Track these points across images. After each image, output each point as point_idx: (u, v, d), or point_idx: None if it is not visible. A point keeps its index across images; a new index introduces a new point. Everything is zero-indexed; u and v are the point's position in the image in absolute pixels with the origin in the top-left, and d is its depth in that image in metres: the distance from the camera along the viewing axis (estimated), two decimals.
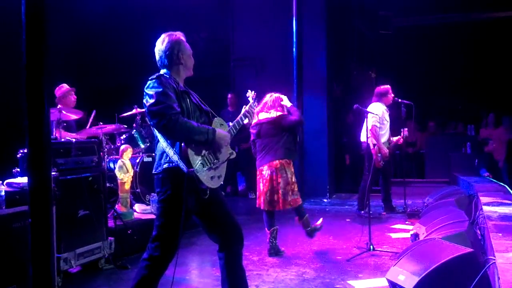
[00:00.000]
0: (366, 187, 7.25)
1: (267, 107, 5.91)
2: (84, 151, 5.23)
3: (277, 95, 5.99)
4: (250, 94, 4.19)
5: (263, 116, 5.89)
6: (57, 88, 6.55)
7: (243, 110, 3.90)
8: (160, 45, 3.50)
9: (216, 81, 11.00)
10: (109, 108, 7.52)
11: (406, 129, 8.23)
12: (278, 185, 5.78)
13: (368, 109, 7.50)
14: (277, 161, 5.78)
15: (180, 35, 3.55)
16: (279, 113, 5.84)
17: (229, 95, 10.45)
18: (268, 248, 5.85)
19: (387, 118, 7.98)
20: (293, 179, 5.85)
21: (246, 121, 3.84)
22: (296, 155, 6.04)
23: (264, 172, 5.87)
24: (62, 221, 4.61)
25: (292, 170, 5.87)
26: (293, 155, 5.92)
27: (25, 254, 3.52)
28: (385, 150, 7.77)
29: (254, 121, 5.87)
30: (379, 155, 7.71)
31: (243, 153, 10.04)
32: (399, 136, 8.17)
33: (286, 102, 5.96)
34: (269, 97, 5.98)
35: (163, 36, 3.53)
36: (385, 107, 8.02)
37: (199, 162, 3.29)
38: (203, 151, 3.33)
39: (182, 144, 3.26)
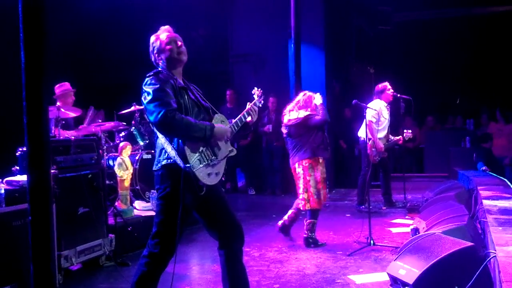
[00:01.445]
0: (365, 182, 7.26)
1: (298, 106, 6.06)
2: (83, 149, 5.23)
3: (310, 93, 6.16)
4: (256, 91, 4.09)
5: (293, 115, 6.03)
6: (58, 85, 6.53)
7: (247, 107, 3.77)
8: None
9: (214, 77, 11.00)
10: (108, 106, 7.52)
11: (410, 131, 8.21)
12: (308, 183, 5.93)
13: (368, 105, 7.51)
14: (306, 160, 5.95)
15: (161, 31, 3.53)
16: (306, 113, 5.97)
17: (228, 92, 10.44)
18: (305, 238, 6.00)
19: (385, 115, 7.98)
20: (320, 179, 5.98)
21: (249, 119, 3.72)
22: (326, 152, 6.12)
23: (297, 171, 6.04)
24: (62, 219, 4.61)
25: (322, 168, 6.01)
26: (321, 152, 6.04)
27: (25, 252, 3.52)
28: (380, 145, 7.78)
29: (286, 119, 6.10)
30: (373, 149, 7.72)
31: (242, 150, 10.05)
32: (400, 136, 8.16)
33: (317, 100, 6.07)
34: (302, 96, 6.16)
35: None
36: (385, 104, 8.04)
37: (196, 159, 3.27)
38: (201, 148, 3.31)
39: (180, 140, 3.26)
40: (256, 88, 4.08)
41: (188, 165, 3.21)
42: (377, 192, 8.64)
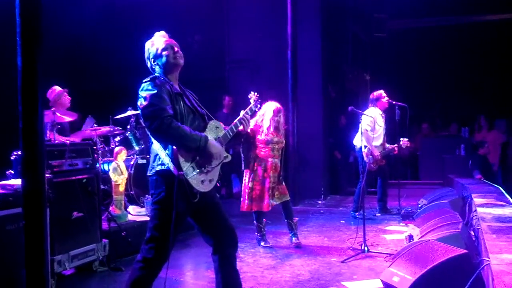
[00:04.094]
0: (361, 189, 7.27)
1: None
2: (78, 153, 5.22)
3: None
4: (253, 95, 4.06)
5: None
6: (49, 92, 6.52)
7: (239, 116, 3.73)
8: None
9: (211, 83, 10.98)
10: (103, 110, 7.51)
11: (406, 139, 8.15)
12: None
13: (364, 113, 7.51)
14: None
15: (156, 36, 3.53)
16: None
17: (227, 98, 10.39)
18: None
19: (380, 123, 7.98)
20: (250, 185, 6.34)
21: (240, 127, 3.68)
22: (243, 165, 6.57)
23: None
24: (56, 223, 4.59)
25: (246, 178, 6.44)
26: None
27: (18, 256, 3.51)
28: (376, 152, 7.79)
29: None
30: (370, 157, 7.72)
31: (238, 155, 10.03)
32: (395, 145, 8.15)
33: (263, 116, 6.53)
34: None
35: None
36: (380, 112, 8.05)
37: (190, 166, 3.26)
38: (194, 156, 3.31)
39: (174, 147, 3.25)
40: (252, 93, 4.06)
41: (181, 172, 3.20)
42: (373, 199, 8.65)
